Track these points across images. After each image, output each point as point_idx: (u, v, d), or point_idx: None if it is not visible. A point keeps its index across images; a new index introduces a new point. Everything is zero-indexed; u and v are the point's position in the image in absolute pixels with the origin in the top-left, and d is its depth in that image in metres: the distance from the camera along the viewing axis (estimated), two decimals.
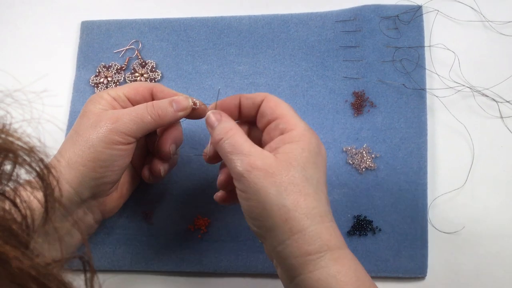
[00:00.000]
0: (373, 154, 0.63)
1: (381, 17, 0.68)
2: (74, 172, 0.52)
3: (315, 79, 0.67)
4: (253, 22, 0.70)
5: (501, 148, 0.63)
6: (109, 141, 0.52)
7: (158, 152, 0.58)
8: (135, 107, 0.55)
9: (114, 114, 0.53)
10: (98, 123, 0.53)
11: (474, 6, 0.68)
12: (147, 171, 0.59)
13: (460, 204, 0.61)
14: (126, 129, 0.53)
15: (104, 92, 0.57)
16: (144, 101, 0.57)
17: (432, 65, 0.66)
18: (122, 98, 0.56)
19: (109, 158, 0.53)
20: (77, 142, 0.53)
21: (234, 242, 0.62)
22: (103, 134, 0.52)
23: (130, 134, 0.53)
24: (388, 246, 0.60)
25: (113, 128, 0.52)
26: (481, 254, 0.60)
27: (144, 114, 0.54)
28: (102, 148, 0.52)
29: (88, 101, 0.56)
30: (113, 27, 0.72)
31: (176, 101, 0.55)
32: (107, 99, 0.56)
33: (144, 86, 0.58)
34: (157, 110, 0.54)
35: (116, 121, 0.53)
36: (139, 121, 0.53)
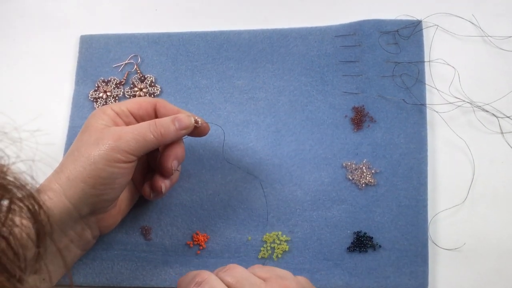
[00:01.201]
0: (373, 169, 0.63)
1: (380, 32, 0.67)
2: (74, 188, 0.52)
3: (314, 94, 0.67)
4: (252, 36, 0.70)
5: (501, 163, 0.62)
6: (111, 158, 0.52)
7: (160, 169, 0.57)
8: (138, 125, 0.55)
9: (116, 131, 0.53)
10: (100, 140, 0.53)
11: (473, 21, 0.68)
12: (148, 187, 0.59)
13: (460, 221, 0.61)
14: (128, 147, 0.53)
15: (107, 107, 0.56)
16: (147, 116, 0.57)
17: (432, 80, 0.66)
18: (125, 113, 0.56)
19: (110, 176, 0.53)
20: (78, 158, 0.52)
21: (233, 258, 0.62)
22: (105, 151, 0.52)
23: (132, 153, 0.53)
24: (388, 263, 0.60)
25: (115, 146, 0.52)
26: (482, 271, 0.59)
27: (147, 132, 0.54)
28: (103, 166, 0.52)
29: (90, 116, 0.56)
30: (112, 42, 0.72)
31: (179, 120, 0.55)
32: (110, 114, 0.56)
33: (148, 101, 0.58)
34: (159, 128, 0.54)
35: (119, 139, 0.52)
36: (142, 139, 0.53)
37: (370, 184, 0.62)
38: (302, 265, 0.60)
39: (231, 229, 0.62)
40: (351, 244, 0.61)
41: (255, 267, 0.51)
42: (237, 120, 0.67)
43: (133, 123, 0.57)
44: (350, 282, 0.59)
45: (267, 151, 0.65)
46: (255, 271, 0.50)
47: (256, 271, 0.50)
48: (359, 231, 0.61)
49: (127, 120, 0.57)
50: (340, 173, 0.63)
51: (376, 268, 0.60)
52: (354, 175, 0.63)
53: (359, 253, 0.60)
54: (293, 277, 0.50)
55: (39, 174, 0.66)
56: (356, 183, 0.62)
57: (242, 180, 0.64)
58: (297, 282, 0.50)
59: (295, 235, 0.62)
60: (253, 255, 0.61)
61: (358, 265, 0.60)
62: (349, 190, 0.63)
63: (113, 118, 0.56)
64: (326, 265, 0.60)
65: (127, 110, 0.57)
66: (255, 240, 0.62)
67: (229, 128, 0.66)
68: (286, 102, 0.67)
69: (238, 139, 0.66)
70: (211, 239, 0.62)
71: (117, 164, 0.53)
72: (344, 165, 0.63)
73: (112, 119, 0.56)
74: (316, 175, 0.63)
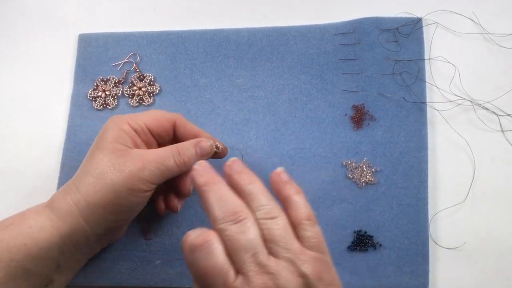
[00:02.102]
0: (373, 168, 0.62)
1: (380, 29, 0.67)
2: (94, 214, 0.52)
3: (314, 92, 0.66)
4: (252, 34, 0.69)
5: (502, 161, 0.62)
6: (134, 188, 0.52)
7: (177, 190, 0.58)
8: (161, 152, 0.54)
9: (139, 158, 0.53)
10: (124, 167, 0.52)
11: (474, 19, 0.67)
12: (163, 204, 0.59)
13: (461, 219, 0.61)
14: (152, 177, 0.53)
15: (124, 121, 0.55)
16: (165, 134, 0.57)
17: (432, 78, 0.65)
18: (144, 131, 0.56)
19: (131, 204, 0.53)
20: (100, 183, 0.52)
21: None
22: (129, 181, 0.52)
23: (154, 182, 0.53)
24: (389, 262, 0.59)
25: (139, 177, 0.52)
26: (483, 269, 0.59)
27: (170, 162, 0.53)
28: (126, 195, 0.52)
29: (107, 131, 0.55)
30: (110, 40, 0.71)
31: (201, 147, 0.55)
32: (129, 132, 0.55)
33: (167, 118, 0.57)
34: (183, 157, 0.54)
35: (143, 169, 0.52)
36: (165, 169, 0.53)
37: (370, 182, 0.62)
38: None
39: None
40: (351, 243, 0.60)
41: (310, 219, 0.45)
42: (236, 118, 0.66)
43: (151, 141, 0.57)
44: (350, 281, 0.59)
45: (267, 149, 0.65)
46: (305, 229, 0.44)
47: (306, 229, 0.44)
48: (359, 230, 0.61)
49: (145, 138, 0.56)
50: (340, 171, 0.63)
51: (377, 267, 0.59)
52: (354, 173, 0.62)
53: (359, 252, 0.60)
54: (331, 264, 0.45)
55: (39, 174, 0.67)
56: (356, 182, 0.62)
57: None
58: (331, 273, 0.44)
59: None
60: None
61: (358, 264, 0.60)
62: (349, 188, 0.62)
63: (132, 136, 0.55)
64: None
65: (146, 128, 0.56)
66: None
67: (228, 127, 0.66)
68: (285, 100, 0.66)
69: (237, 138, 0.65)
70: None
71: (139, 194, 0.53)
72: (344, 163, 0.63)
73: (132, 138, 0.55)
74: (316, 173, 0.63)
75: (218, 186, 0.45)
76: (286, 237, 0.42)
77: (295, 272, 0.41)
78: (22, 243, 0.50)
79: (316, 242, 0.43)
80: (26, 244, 0.50)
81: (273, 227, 0.42)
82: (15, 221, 0.52)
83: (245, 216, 0.43)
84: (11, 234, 0.51)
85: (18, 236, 0.51)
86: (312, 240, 0.43)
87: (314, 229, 0.44)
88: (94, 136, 0.66)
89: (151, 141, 0.57)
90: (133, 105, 0.68)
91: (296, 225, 0.44)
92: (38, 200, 0.55)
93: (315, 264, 0.42)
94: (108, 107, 0.68)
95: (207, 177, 0.46)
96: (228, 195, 0.44)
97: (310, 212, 0.45)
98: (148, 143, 0.57)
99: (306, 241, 0.43)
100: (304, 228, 0.44)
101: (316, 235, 0.44)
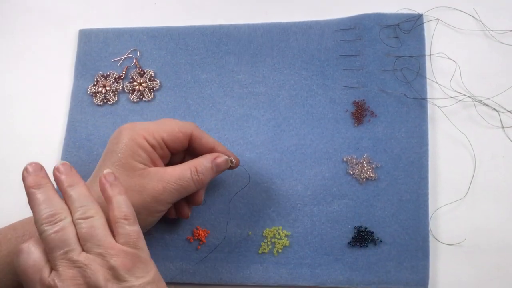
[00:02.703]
0: (373, 164, 0.62)
1: (381, 26, 0.67)
2: None
3: (315, 88, 0.66)
4: (252, 30, 0.69)
5: (502, 158, 0.62)
6: (153, 210, 0.53)
7: (191, 200, 0.59)
8: (179, 172, 0.54)
9: (159, 181, 0.53)
10: (143, 190, 0.53)
11: (475, 15, 0.67)
12: (173, 210, 0.60)
13: (461, 215, 0.61)
14: (171, 199, 0.54)
15: (140, 136, 0.54)
16: (181, 147, 0.57)
17: (433, 75, 0.65)
18: (160, 145, 0.55)
19: (147, 224, 0.54)
20: None
21: (233, 253, 0.61)
22: (149, 203, 0.53)
23: (172, 202, 0.55)
24: (389, 257, 0.59)
25: (158, 199, 0.53)
26: (483, 266, 0.59)
27: (189, 182, 0.54)
28: (145, 216, 0.53)
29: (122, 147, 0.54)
30: (111, 36, 0.71)
31: (217, 165, 0.56)
32: (146, 148, 0.54)
33: (183, 132, 0.56)
34: (200, 177, 0.55)
35: (163, 192, 0.53)
36: (184, 190, 0.54)
37: (370, 178, 0.62)
38: (302, 260, 0.60)
39: (231, 224, 0.62)
40: (351, 239, 0.60)
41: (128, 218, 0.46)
42: (237, 114, 0.66)
43: (166, 154, 0.57)
44: (350, 277, 0.59)
45: (267, 145, 0.65)
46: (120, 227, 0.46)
47: (120, 228, 0.46)
48: (360, 226, 0.61)
49: (161, 153, 0.56)
50: (340, 167, 0.63)
51: (377, 262, 0.59)
52: (355, 169, 0.62)
53: (359, 248, 0.60)
54: (150, 260, 0.47)
55: None
56: (357, 178, 0.62)
57: (242, 175, 0.64)
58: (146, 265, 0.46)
59: (295, 230, 0.61)
60: (254, 250, 0.61)
61: (358, 260, 0.60)
62: (350, 184, 0.62)
63: (149, 154, 0.54)
64: (327, 260, 0.60)
65: (163, 142, 0.55)
66: (256, 235, 0.62)
67: (229, 123, 0.66)
68: (286, 96, 0.66)
69: (238, 133, 0.65)
70: (211, 234, 0.62)
71: (157, 214, 0.54)
72: (344, 159, 0.63)
73: (149, 155, 0.54)
74: (316, 169, 0.63)
75: (44, 189, 0.46)
76: (99, 235, 0.44)
77: (104, 265, 0.43)
78: None
79: (131, 239, 0.45)
80: None
81: (87, 225, 0.44)
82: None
83: (62, 218, 0.44)
84: None
85: None
86: (126, 237, 0.45)
87: (131, 227, 0.46)
88: (95, 132, 0.66)
89: (166, 154, 0.57)
90: (134, 101, 0.68)
91: (114, 223, 0.46)
92: None
93: (125, 257, 0.44)
94: (108, 103, 0.68)
95: (36, 179, 0.46)
96: (52, 198, 0.46)
97: (128, 211, 0.47)
98: (163, 156, 0.57)
99: (121, 238, 0.45)
100: (120, 226, 0.46)
101: (132, 232, 0.46)
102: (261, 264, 0.61)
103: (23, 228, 0.52)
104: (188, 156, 0.59)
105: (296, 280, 0.60)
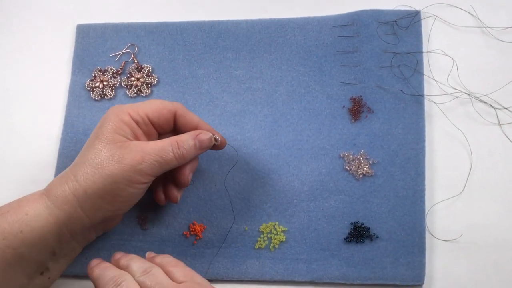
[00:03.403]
0: (370, 160, 0.62)
1: (379, 22, 0.67)
2: (91, 203, 0.52)
3: (312, 84, 0.66)
4: (250, 26, 0.69)
5: (499, 155, 0.62)
6: (133, 180, 0.53)
7: (176, 181, 0.58)
8: (160, 145, 0.54)
9: (138, 151, 0.53)
10: (123, 159, 0.52)
11: (472, 12, 0.67)
12: (162, 194, 0.60)
13: (457, 212, 0.61)
14: (150, 170, 0.53)
15: (124, 112, 0.55)
16: (166, 124, 0.57)
17: (430, 71, 0.65)
18: (145, 122, 0.56)
19: (129, 195, 0.54)
20: (98, 173, 0.52)
21: (230, 248, 0.61)
22: (127, 173, 0.52)
23: (153, 174, 0.54)
24: (385, 254, 0.60)
25: (138, 169, 0.52)
26: (479, 262, 0.59)
27: (169, 155, 0.54)
28: (124, 186, 0.53)
29: (107, 121, 0.55)
30: (109, 31, 0.71)
31: (200, 141, 0.56)
32: (130, 124, 0.55)
33: (168, 109, 0.57)
34: (182, 151, 0.55)
35: (142, 161, 0.53)
36: (164, 162, 0.54)
37: (367, 174, 0.62)
38: (299, 256, 0.60)
39: (228, 219, 0.62)
40: (348, 235, 0.60)
41: (177, 266, 0.52)
42: (234, 110, 0.66)
43: (151, 131, 0.57)
44: (347, 273, 0.59)
45: (264, 141, 0.65)
46: (174, 272, 0.51)
47: (175, 272, 0.51)
48: (356, 222, 0.61)
49: (146, 129, 0.56)
50: (337, 163, 0.63)
51: (373, 258, 0.60)
52: (352, 165, 0.62)
53: (356, 244, 0.60)
54: (210, 286, 0.51)
55: (37, 164, 0.67)
56: (354, 174, 0.62)
57: (239, 170, 0.64)
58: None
59: (292, 226, 0.61)
60: (250, 245, 0.61)
61: (355, 256, 0.60)
62: (347, 180, 0.62)
63: (132, 128, 0.55)
64: (323, 255, 0.60)
65: (147, 119, 0.56)
66: (252, 230, 0.62)
67: (226, 118, 0.66)
68: (283, 92, 0.66)
69: (235, 129, 0.65)
70: (207, 229, 0.62)
71: (137, 185, 0.54)
72: (341, 155, 0.63)
73: (132, 129, 0.55)
74: (313, 165, 0.63)
75: (104, 268, 0.51)
76: (163, 280, 0.49)
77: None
78: (18, 230, 0.50)
79: (187, 275, 0.50)
80: (22, 231, 0.51)
81: (150, 278, 0.49)
82: (12, 208, 0.52)
83: (124, 279, 0.48)
84: (7, 221, 0.51)
85: (15, 223, 0.51)
86: (183, 275, 0.50)
87: (183, 268, 0.51)
88: (92, 127, 0.66)
89: (151, 132, 0.57)
90: (131, 96, 0.68)
91: (168, 272, 0.51)
92: (36, 189, 0.55)
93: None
94: (106, 98, 0.68)
95: (97, 266, 0.52)
96: (111, 268, 0.51)
97: (177, 261, 0.53)
98: (148, 134, 0.57)
99: (179, 278, 0.50)
100: (174, 271, 0.51)
101: (186, 270, 0.51)
102: (258, 259, 0.61)
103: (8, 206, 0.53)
104: None
105: (292, 275, 0.60)
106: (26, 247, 0.51)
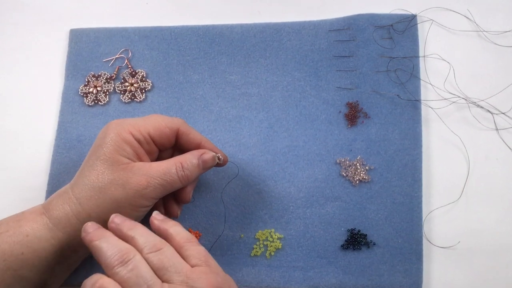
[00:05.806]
0: (367, 166, 0.62)
1: (375, 26, 0.67)
2: None
3: (308, 89, 0.66)
4: (245, 30, 0.69)
5: (496, 160, 0.62)
6: (137, 204, 0.52)
7: (178, 198, 0.58)
8: (164, 167, 0.53)
9: (143, 175, 0.52)
10: (127, 184, 0.52)
11: (469, 16, 0.67)
12: (163, 209, 0.59)
13: (455, 218, 0.60)
14: (155, 194, 0.53)
15: (126, 131, 0.53)
16: (168, 142, 0.56)
17: (426, 76, 0.65)
18: (147, 140, 0.55)
19: (131, 218, 0.52)
20: (101, 196, 0.51)
21: (226, 255, 0.61)
22: (132, 198, 0.52)
23: (157, 197, 0.54)
24: (382, 261, 0.59)
25: (142, 194, 0.52)
26: (477, 269, 0.59)
27: (174, 178, 0.53)
28: (130, 211, 0.52)
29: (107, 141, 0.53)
30: (102, 36, 0.70)
31: (204, 161, 0.55)
32: (131, 143, 0.53)
33: (170, 127, 0.55)
34: (186, 172, 0.54)
35: (147, 186, 0.52)
36: (169, 186, 0.53)
37: (364, 180, 0.62)
38: (295, 263, 0.60)
39: (223, 226, 0.62)
40: (344, 242, 0.60)
41: (190, 241, 0.49)
42: (229, 115, 0.66)
43: (153, 149, 0.56)
44: (343, 280, 0.59)
45: (260, 147, 0.64)
46: (187, 250, 0.48)
47: (188, 250, 0.48)
48: (353, 229, 0.60)
49: (147, 149, 0.55)
50: (334, 169, 0.63)
51: (370, 265, 0.59)
52: (348, 171, 0.62)
53: (353, 251, 0.60)
54: (222, 272, 0.48)
55: (30, 170, 0.66)
56: (350, 180, 0.62)
57: (236, 178, 0.63)
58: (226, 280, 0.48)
59: (288, 233, 0.61)
60: (246, 252, 0.61)
61: (352, 263, 0.59)
62: (343, 187, 0.62)
63: (134, 148, 0.54)
64: (320, 263, 0.60)
65: (149, 137, 0.55)
66: (248, 237, 0.61)
67: (221, 124, 0.65)
68: (279, 97, 0.66)
69: (230, 135, 0.65)
70: (203, 237, 0.62)
71: (141, 209, 0.53)
72: (338, 161, 0.63)
73: (134, 149, 0.54)
74: (309, 171, 0.63)
75: (106, 238, 0.47)
76: (175, 263, 0.46)
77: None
78: (19, 252, 0.50)
79: (202, 257, 0.47)
80: (24, 253, 0.50)
81: (160, 256, 0.46)
82: (11, 227, 0.51)
83: (132, 256, 0.45)
84: (7, 241, 0.50)
85: (15, 245, 0.50)
86: (197, 257, 0.47)
87: (197, 247, 0.48)
88: (86, 133, 0.66)
89: (153, 150, 0.56)
90: (125, 101, 0.67)
91: (179, 249, 0.47)
92: (28, 195, 0.55)
93: (206, 277, 0.45)
94: (99, 103, 0.67)
95: (96, 233, 0.47)
96: (114, 243, 0.46)
97: (189, 235, 0.49)
98: (150, 152, 0.56)
99: (192, 259, 0.47)
100: (186, 249, 0.47)
101: (201, 251, 0.48)
102: (254, 266, 0.60)
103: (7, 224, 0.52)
104: (176, 153, 0.59)
105: (288, 283, 0.59)
106: (27, 269, 0.50)
